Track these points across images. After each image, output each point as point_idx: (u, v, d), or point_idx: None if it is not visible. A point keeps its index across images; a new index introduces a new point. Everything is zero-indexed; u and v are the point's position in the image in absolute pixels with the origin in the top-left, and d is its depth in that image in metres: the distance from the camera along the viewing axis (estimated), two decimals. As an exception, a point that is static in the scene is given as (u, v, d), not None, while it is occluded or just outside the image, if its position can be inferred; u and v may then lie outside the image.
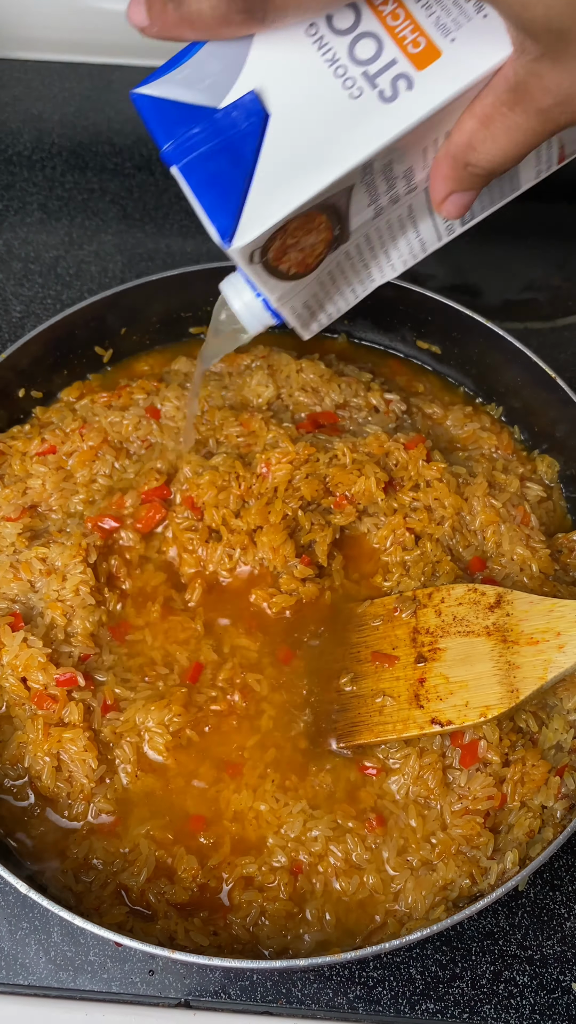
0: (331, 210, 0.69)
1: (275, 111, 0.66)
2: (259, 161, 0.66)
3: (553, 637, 0.92)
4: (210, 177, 0.67)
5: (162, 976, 0.93)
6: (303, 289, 0.76)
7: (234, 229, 0.67)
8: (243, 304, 0.79)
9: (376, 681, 0.97)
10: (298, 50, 0.66)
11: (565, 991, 0.93)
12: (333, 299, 0.81)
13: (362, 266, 0.79)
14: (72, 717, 0.94)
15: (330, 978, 0.93)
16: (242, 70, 0.66)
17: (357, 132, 0.65)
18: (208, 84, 0.67)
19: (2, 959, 0.94)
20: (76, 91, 1.68)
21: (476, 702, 0.92)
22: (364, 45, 0.65)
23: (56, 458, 1.12)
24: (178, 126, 0.68)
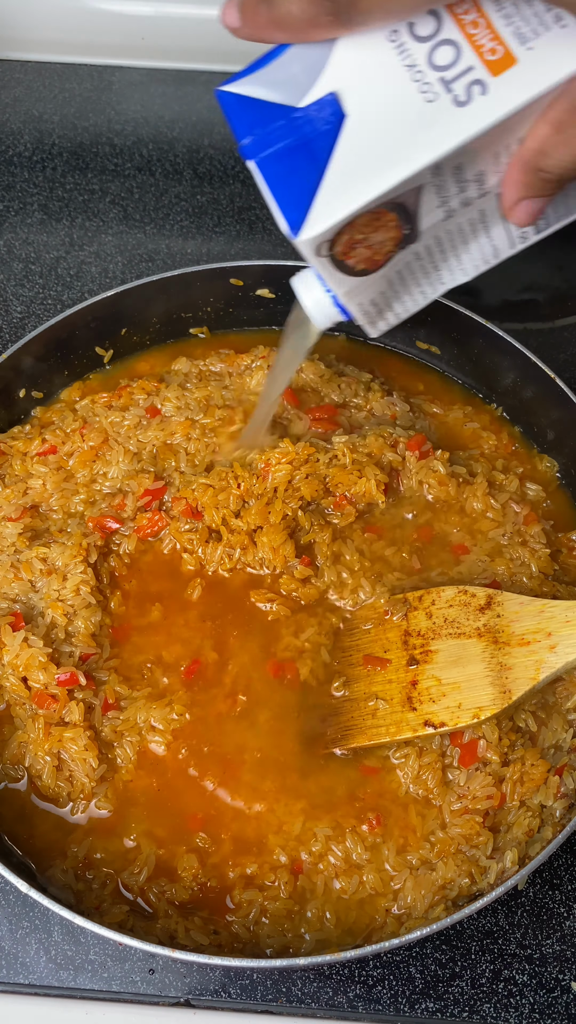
0: (400, 209, 0.71)
1: (352, 112, 0.68)
2: (332, 158, 0.68)
3: (544, 637, 0.92)
4: (284, 172, 0.70)
5: (162, 975, 0.93)
6: (371, 286, 0.78)
7: (303, 222, 0.69)
8: (313, 300, 0.82)
9: (368, 684, 0.97)
10: (379, 54, 0.68)
11: (564, 990, 0.94)
12: (402, 299, 0.82)
13: (432, 268, 0.80)
14: (73, 716, 0.94)
15: (330, 977, 0.93)
16: (323, 72, 0.69)
17: (428, 134, 0.67)
18: (290, 84, 0.70)
19: (3, 958, 0.94)
20: (77, 92, 1.68)
21: (469, 703, 0.92)
22: (443, 52, 0.67)
23: (57, 458, 1.12)
24: (258, 122, 0.70)
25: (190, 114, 1.66)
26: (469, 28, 0.67)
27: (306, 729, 0.97)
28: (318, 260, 0.73)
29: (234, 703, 0.98)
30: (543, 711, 0.97)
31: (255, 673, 1.00)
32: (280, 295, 1.27)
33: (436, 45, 0.67)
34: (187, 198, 1.54)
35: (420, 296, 0.83)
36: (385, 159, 0.68)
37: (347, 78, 0.69)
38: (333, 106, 0.68)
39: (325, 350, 1.26)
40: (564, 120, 0.65)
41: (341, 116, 0.68)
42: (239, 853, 0.92)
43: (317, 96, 0.69)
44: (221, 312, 1.29)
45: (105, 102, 1.67)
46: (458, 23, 0.67)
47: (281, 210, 0.70)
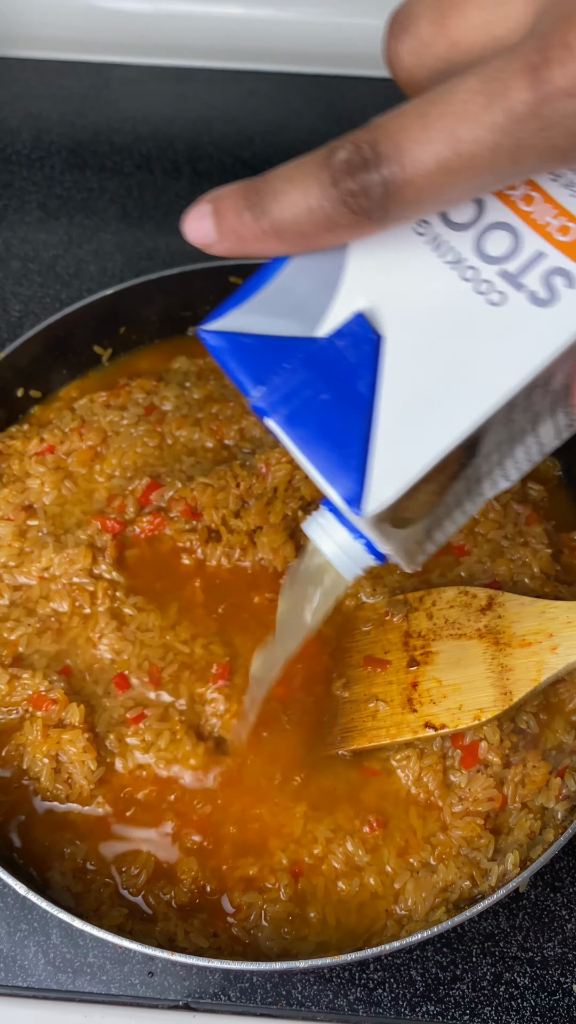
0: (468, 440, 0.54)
1: (390, 332, 0.53)
2: (379, 400, 0.53)
3: (546, 638, 0.92)
4: (319, 428, 0.53)
5: (162, 978, 0.93)
6: (420, 527, 0.63)
7: (362, 491, 0.52)
8: (337, 546, 0.65)
9: (368, 686, 0.96)
10: (409, 254, 0.54)
11: (566, 993, 0.93)
12: (444, 526, 0.65)
13: (475, 484, 0.64)
14: (73, 719, 0.94)
15: (330, 980, 0.93)
16: (339, 287, 0.54)
17: (508, 348, 0.52)
18: (299, 309, 0.55)
19: (1, 961, 0.93)
20: (75, 90, 1.68)
21: (470, 705, 0.92)
22: (495, 239, 0.53)
23: (55, 458, 1.12)
24: (267, 366, 0.55)
25: (189, 112, 1.65)
26: (521, 205, 0.53)
27: (307, 731, 0.97)
28: (377, 527, 0.56)
29: (236, 704, 0.98)
30: (545, 712, 0.97)
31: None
32: (280, 294, 1.27)
33: (483, 232, 0.53)
34: (186, 196, 1.54)
35: (462, 516, 0.66)
36: (458, 387, 0.52)
37: (374, 291, 0.54)
38: (364, 329, 0.53)
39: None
40: None
41: (377, 341, 0.53)
42: (239, 855, 0.91)
43: (340, 319, 0.54)
44: (220, 311, 1.28)
45: (104, 100, 1.67)
46: (504, 201, 0.53)
47: (327, 481, 0.53)
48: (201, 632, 1.01)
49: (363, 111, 1.76)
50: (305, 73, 1.70)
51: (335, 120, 1.64)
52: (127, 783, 0.94)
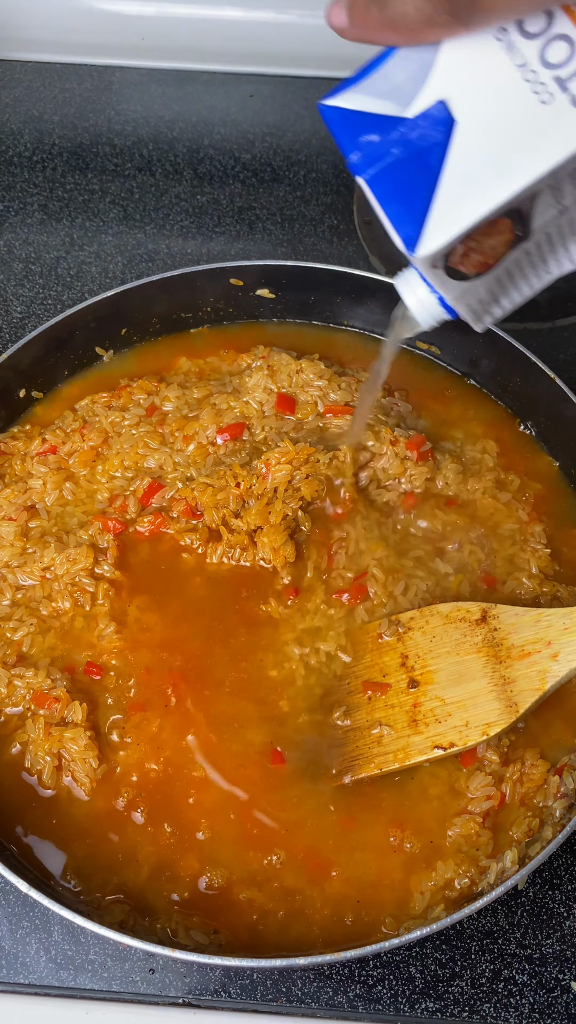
0: (515, 214, 0.69)
1: (462, 119, 0.66)
2: (444, 170, 0.66)
3: (544, 647, 0.92)
4: (396, 187, 0.67)
5: (162, 975, 0.93)
6: (481, 286, 0.76)
7: (418, 238, 0.67)
8: (418, 300, 0.79)
9: (370, 711, 0.96)
10: (487, 56, 0.65)
11: (564, 990, 0.94)
12: (509, 293, 0.80)
13: (540, 260, 0.78)
14: (75, 717, 0.95)
15: (330, 977, 0.93)
16: (429, 78, 0.66)
17: (546, 138, 0.64)
18: (395, 94, 0.67)
19: (3, 958, 0.94)
20: (76, 92, 1.68)
21: (476, 720, 0.92)
22: (556, 48, 0.64)
23: (57, 458, 1.12)
24: (365, 136, 0.68)
25: (190, 114, 1.66)
26: None
27: (310, 759, 0.96)
28: (432, 272, 0.71)
29: (238, 706, 0.98)
30: (543, 711, 0.97)
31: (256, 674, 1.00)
32: (280, 295, 1.28)
33: (548, 41, 0.64)
34: (187, 198, 1.54)
35: (527, 288, 0.80)
36: (502, 168, 0.65)
37: (455, 83, 0.66)
38: (443, 114, 0.66)
39: (326, 349, 1.26)
40: None
41: (451, 124, 0.66)
42: (240, 852, 0.91)
43: (425, 104, 0.66)
44: (221, 312, 1.29)
45: (105, 102, 1.67)
46: (571, 16, 0.63)
47: (394, 226, 0.68)
48: (201, 631, 1.02)
49: (363, 114, 1.74)
50: (305, 76, 1.71)
51: (335, 122, 1.64)
52: (129, 780, 0.94)
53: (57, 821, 0.93)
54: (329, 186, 1.56)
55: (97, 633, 1.01)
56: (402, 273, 0.81)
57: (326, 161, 1.60)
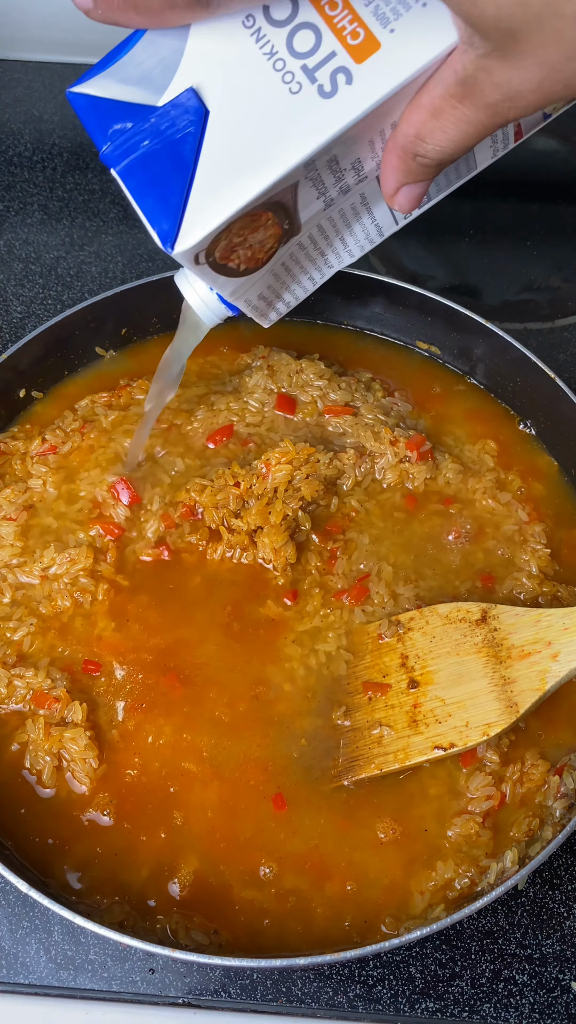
0: (277, 207, 0.68)
1: (214, 108, 0.64)
2: (199, 161, 0.64)
3: (544, 647, 0.92)
4: (150, 180, 0.65)
5: (162, 975, 0.93)
6: (257, 282, 0.75)
7: (176, 233, 0.65)
8: (199, 298, 0.79)
9: (370, 712, 0.96)
10: (235, 43, 0.63)
11: (564, 990, 0.94)
12: (290, 288, 0.80)
13: (317, 254, 0.78)
14: (75, 717, 0.95)
15: (330, 977, 0.93)
16: (179, 65, 0.64)
17: (296, 129, 0.63)
18: (145, 81, 0.65)
19: (3, 958, 0.94)
20: (77, 92, 1.68)
21: (476, 721, 0.92)
22: (302, 37, 0.62)
23: (57, 458, 1.12)
24: (115, 126, 0.66)
25: (190, 114, 1.66)
26: (327, 9, 0.62)
27: (309, 762, 0.96)
28: (198, 268, 0.69)
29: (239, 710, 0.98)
30: (543, 711, 0.97)
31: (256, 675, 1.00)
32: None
33: (294, 29, 0.63)
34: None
35: (308, 283, 0.80)
36: (255, 159, 0.64)
37: (205, 71, 0.64)
38: (193, 102, 0.64)
39: (326, 349, 1.26)
40: (439, 106, 0.62)
41: (203, 113, 0.64)
42: (239, 851, 0.91)
43: (175, 92, 0.64)
44: (221, 312, 1.29)
45: (105, 102, 1.67)
46: (315, 4, 0.62)
47: (150, 222, 0.66)
48: (201, 631, 1.02)
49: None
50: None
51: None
52: (128, 780, 0.94)
53: (57, 820, 0.93)
54: (329, 186, 1.56)
55: (97, 633, 1.01)
56: (181, 271, 0.80)
57: (326, 161, 1.59)
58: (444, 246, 1.50)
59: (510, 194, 1.57)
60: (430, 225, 1.53)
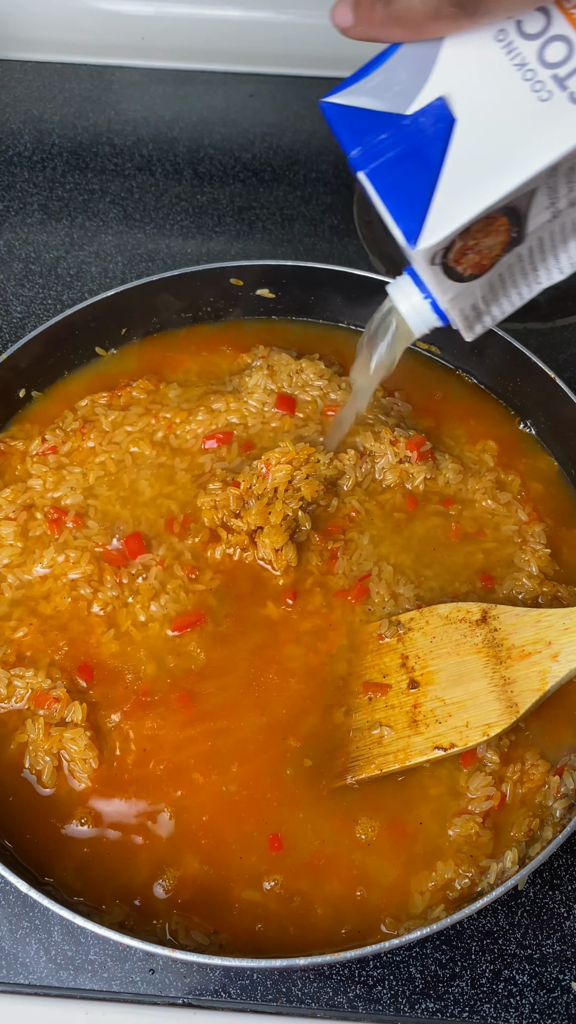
0: (512, 213, 0.70)
1: (462, 116, 0.68)
2: (445, 165, 0.68)
3: (545, 647, 0.93)
4: (396, 182, 0.69)
5: (162, 975, 0.93)
6: (475, 291, 0.78)
7: (419, 232, 0.68)
8: (411, 306, 0.81)
9: (371, 712, 0.96)
10: (486, 54, 0.67)
11: (565, 990, 0.94)
12: (500, 301, 0.81)
13: (531, 268, 0.80)
14: (75, 717, 0.94)
15: (330, 977, 0.93)
16: (430, 76, 0.68)
17: (545, 134, 0.66)
18: (396, 91, 0.69)
19: (3, 958, 0.94)
20: (76, 92, 1.68)
21: (476, 721, 0.92)
22: (554, 48, 0.66)
23: (57, 458, 1.12)
24: (366, 133, 0.70)
25: (190, 114, 1.66)
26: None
27: (310, 762, 0.96)
28: (431, 268, 0.72)
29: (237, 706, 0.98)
30: (543, 711, 0.97)
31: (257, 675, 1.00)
32: (280, 295, 1.27)
33: (546, 42, 0.66)
34: (187, 198, 1.54)
35: (517, 297, 0.81)
36: (501, 163, 0.67)
37: (455, 81, 0.68)
38: (442, 111, 0.68)
39: (326, 349, 1.26)
40: None
41: (451, 121, 0.68)
42: (240, 852, 0.91)
43: (425, 101, 0.68)
44: (221, 312, 1.29)
45: (105, 102, 1.67)
46: (568, 18, 0.66)
47: (396, 220, 0.69)
48: (201, 631, 1.02)
49: (363, 113, 1.73)
50: (305, 76, 1.71)
51: (335, 122, 1.64)
52: (128, 780, 0.94)
53: (57, 821, 0.93)
54: (329, 186, 1.56)
55: (97, 633, 1.01)
56: (396, 280, 0.82)
57: (326, 161, 1.60)
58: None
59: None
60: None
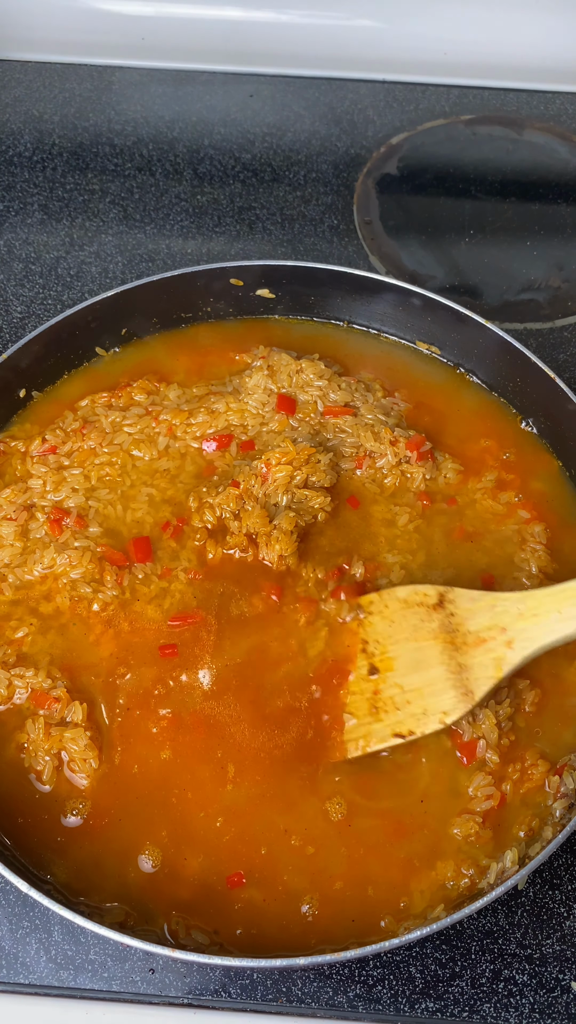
0: None
1: None
2: None
3: (499, 633, 0.92)
4: None
5: (163, 975, 0.93)
6: None
7: None
8: None
9: (338, 698, 0.96)
10: None
11: (564, 990, 0.94)
12: None
13: None
14: (76, 717, 0.94)
15: (330, 977, 0.93)
16: None
17: None
18: None
19: (3, 958, 0.94)
20: (77, 92, 1.68)
21: (433, 708, 0.92)
22: None
23: (57, 458, 1.12)
24: None
25: (190, 114, 1.66)
26: None
27: (299, 754, 0.96)
28: None
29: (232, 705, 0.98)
30: (543, 710, 0.97)
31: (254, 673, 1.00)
32: (280, 295, 1.28)
33: None
34: (187, 198, 1.54)
35: None
36: None
37: None
38: None
39: (326, 349, 1.26)
40: None
41: None
42: (240, 852, 0.91)
43: None
44: (221, 312, 1.29)
45: (105, 102, 1.67)
46: None
47: None
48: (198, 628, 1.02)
49: (362, 113, 1.78)
50: (304, 76, 1.71)
51: (335, 122, 1.64)
52: (128, 780, 0.94)
53: (57, 820, 0.93)
54: (329, 186, 1.56)
55: (97, 632, 1.01)
56: None
57: (326, 161, 1.60)
58: (444, 246, 1.50)
59: (510, 194, 1.57)
60: (430, 225, 1.54)
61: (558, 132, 1.65)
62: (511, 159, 1.62)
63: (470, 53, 1.71)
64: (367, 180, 1.57)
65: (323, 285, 1.26)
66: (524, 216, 1.55)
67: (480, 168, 1.60)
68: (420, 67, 1.71)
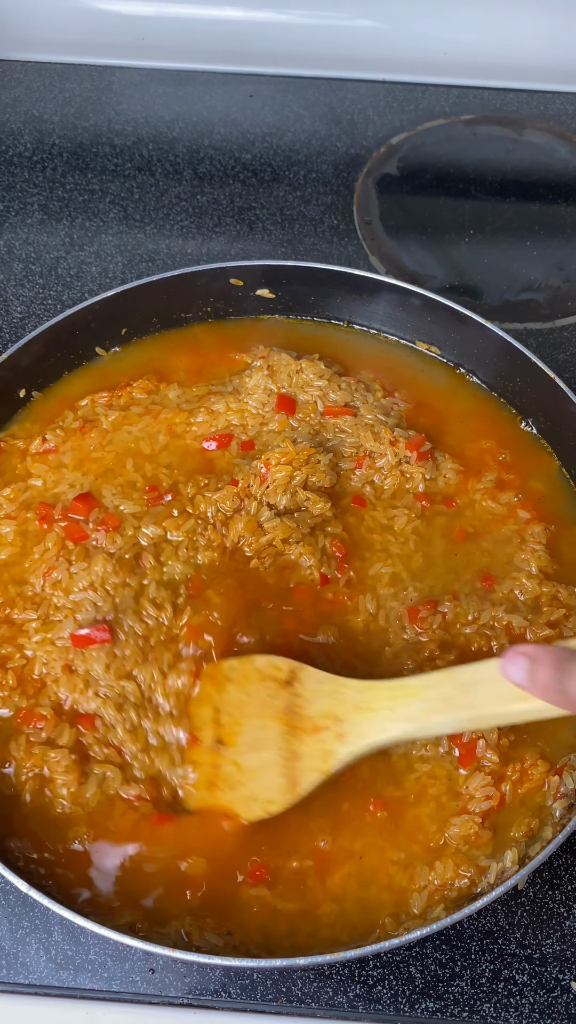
0: None
1: None
2: None
3: (334, 723, 0.86)
4: None
5: (163, 975, 0.93)
6: None
7: None
8: None
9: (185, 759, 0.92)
10: None
11: (564, 990, 0.94)
12: None
13: None
14: (63, 740, 0.93)
15: (330, 977, 0.93)
16: None
17: None
18: None
19: (3, 958, 0.94)
20: (77, 92, 1.69)
21: (261, 795, 0.87)
22: None
23: (57, 457, 1.13)
24: None
25: (190, 114, 1.66)
26: None
27: None
28: None
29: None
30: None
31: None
32: (280, 295, 1.28)
33: None
34: (187, 198, 1.55)
35: None
36: None
37: None
38: None
39: (326, 349, 1.26)
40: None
41: None
42: (249, 853, 0.91)
43: None
44: (221, 312, 1.29)
45: (105, 102, 1.67)
46: None
47: None
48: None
49: (363, 113, 1.78)
50: (305, 76, 1.71)
51: (335, 122, 1.64)
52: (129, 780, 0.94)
53: (57, 821, 0.92)
54: (329, 186, 1.56)
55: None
56: None
57: (326, 161, 1.60)
58: (444, 246, 1.50)
59: (510, 194, 1.57)
60: (430, 225, 1.54)
61: (558, 132, 1.65)
62: (511, 159, 1.62)
63: (470, 53, 1.71)
64: (367, 180, 1.57)
65: (323, 285, 1.26)
66: (524, 216, 1.55)
67: (480, 168, 1.60)
68: (420, 67, 1.71)
